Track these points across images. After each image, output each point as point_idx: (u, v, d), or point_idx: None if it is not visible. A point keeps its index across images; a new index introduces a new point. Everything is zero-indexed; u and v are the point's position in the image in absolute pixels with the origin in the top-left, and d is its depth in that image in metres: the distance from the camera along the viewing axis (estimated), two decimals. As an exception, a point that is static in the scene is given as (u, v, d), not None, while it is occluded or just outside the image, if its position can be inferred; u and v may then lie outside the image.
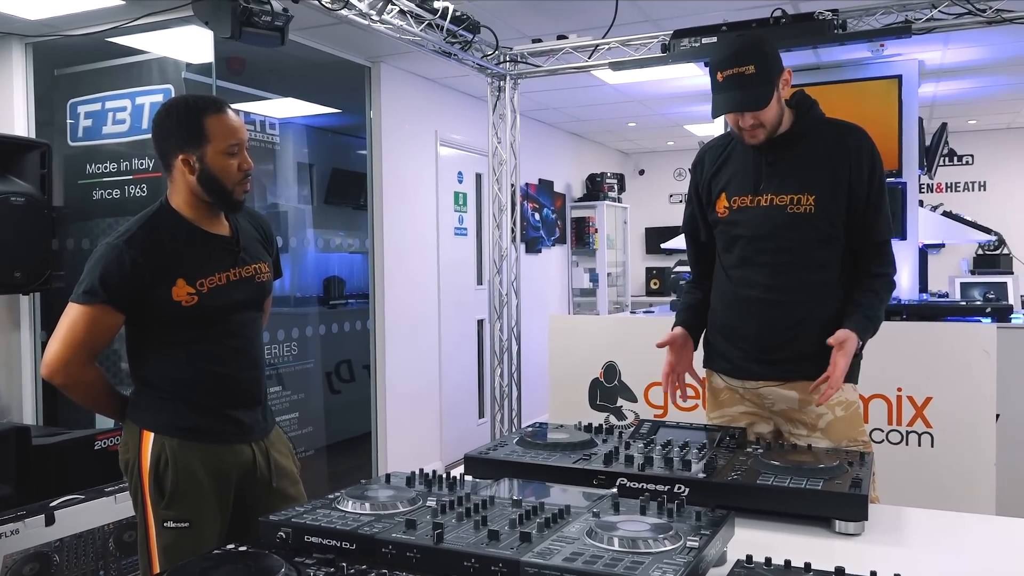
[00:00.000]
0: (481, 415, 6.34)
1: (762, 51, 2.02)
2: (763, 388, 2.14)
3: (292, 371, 4.72)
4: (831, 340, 1.97)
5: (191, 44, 3.84)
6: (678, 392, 2.27)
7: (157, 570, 1.99)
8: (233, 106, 2.10)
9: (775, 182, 2.09)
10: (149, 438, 2.00)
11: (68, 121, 4.17)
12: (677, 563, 1.11)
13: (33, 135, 4.19)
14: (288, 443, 2.26)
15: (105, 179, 4.06)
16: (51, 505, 3.00)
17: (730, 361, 2.19)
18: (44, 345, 4.18)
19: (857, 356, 2.15)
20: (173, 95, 3.87)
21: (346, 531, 1.30)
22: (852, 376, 2.13)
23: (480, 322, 6.38)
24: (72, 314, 1.94)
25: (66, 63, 4.22)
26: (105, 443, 3.53)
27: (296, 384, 4.72)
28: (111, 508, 3.18)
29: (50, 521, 2.96)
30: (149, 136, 3.86)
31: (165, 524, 1.97)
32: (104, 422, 4.02)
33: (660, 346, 2.25)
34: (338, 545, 1.29)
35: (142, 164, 3.98)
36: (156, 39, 3.92)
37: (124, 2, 3.67)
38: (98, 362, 2.06)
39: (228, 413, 2.06)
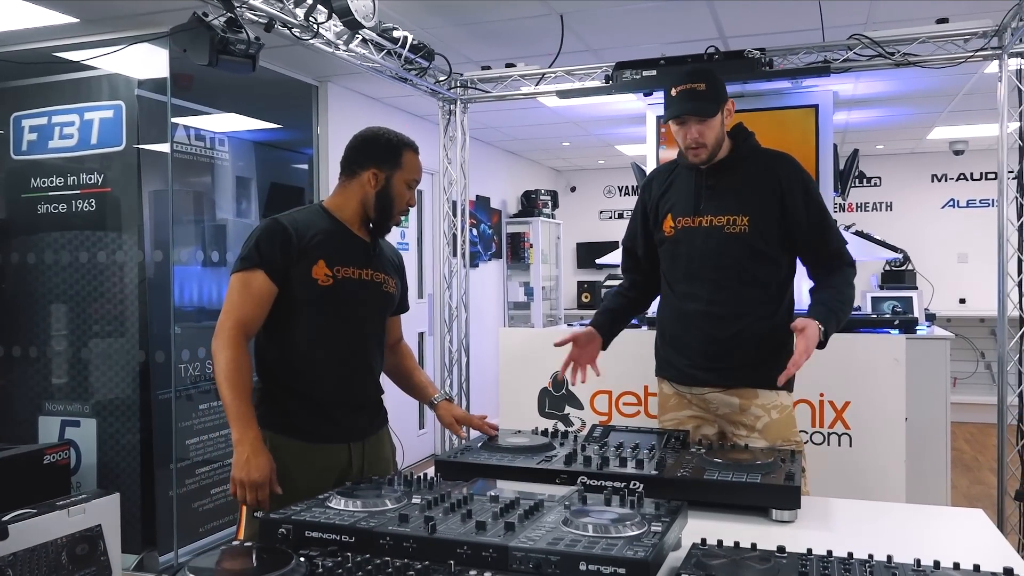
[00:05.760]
0: (422, 426, 6.44)
1: (713, 76, 2.29)
2: (709, 394, 2.35)
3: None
4: (793, 325, 2.10)
5: (143, 61, 3.85)
6: (578, 373, 2.44)
7: None
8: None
9: (713, 204, 2.31)
10: None
11: (11, 134, 4.14)
12: (646, 544, 1.29)
13: (-26, 148, 4.15)
14: (393, 445, 2.35)
15: (51, 193, 4.03)
16: (4, 519, 2.99)
17: (678, 369, 2.39)
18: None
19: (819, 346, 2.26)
20: (124, 111, 3.90)
21: (344, 526, 1.42)
22: (787, 385, 2.35)
23: (421, 335, 6.49)
24: (231, 283, 2.08)
25: (11, 76, 4.19)
26: (54, 457, 3.53)
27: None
28: (64, 521, 3.18)
29: (3, 535, 2.95)
30: (98, 151, 3.92)
31: (255, 514, 2.05)
32: (48, 436, 4.00)
33: (558, 344, 2.43)
34: (337, 539, 1.40)
35: (90, 179, 3.98)
36: (107, 56, 3.92)
37: (77, 20, 3.69)
38: None
39: (332, 412, 2.14)
